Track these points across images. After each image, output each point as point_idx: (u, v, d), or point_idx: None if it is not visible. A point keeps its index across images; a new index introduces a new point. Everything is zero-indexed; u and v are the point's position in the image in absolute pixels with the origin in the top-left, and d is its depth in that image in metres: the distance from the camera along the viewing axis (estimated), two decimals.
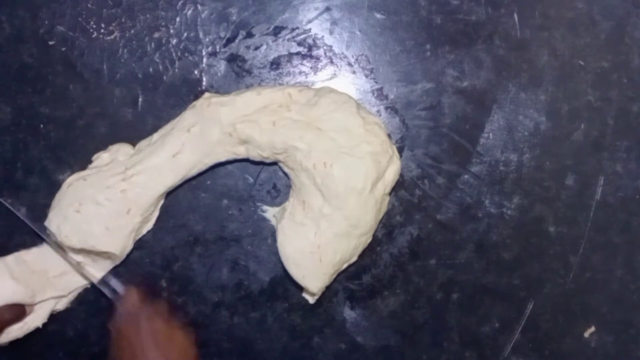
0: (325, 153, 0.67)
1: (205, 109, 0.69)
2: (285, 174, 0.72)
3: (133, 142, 0.72)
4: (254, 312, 0.74)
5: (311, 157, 0.67)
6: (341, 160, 0.67)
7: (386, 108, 0.74)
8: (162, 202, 0.72)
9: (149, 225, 0.72)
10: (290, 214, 0.69)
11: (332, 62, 0.74)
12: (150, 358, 0.63)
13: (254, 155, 0.70)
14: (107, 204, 0.68)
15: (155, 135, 0.71)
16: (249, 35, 0.74)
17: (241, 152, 0.70)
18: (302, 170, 0.68)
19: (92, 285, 0.72)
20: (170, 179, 0.70)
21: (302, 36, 0.74)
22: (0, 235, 0.73)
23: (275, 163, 0.71)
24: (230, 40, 0.74)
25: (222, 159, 0.70)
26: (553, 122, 0.73)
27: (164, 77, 0.74)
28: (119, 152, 0.71)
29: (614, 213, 0.73)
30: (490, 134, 0.73)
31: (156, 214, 0.72)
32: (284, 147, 0.68)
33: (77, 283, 0.72)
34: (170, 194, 0.72)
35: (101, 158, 0.71)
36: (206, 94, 0.71)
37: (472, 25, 0.73)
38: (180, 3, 0.74)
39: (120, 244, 0.69)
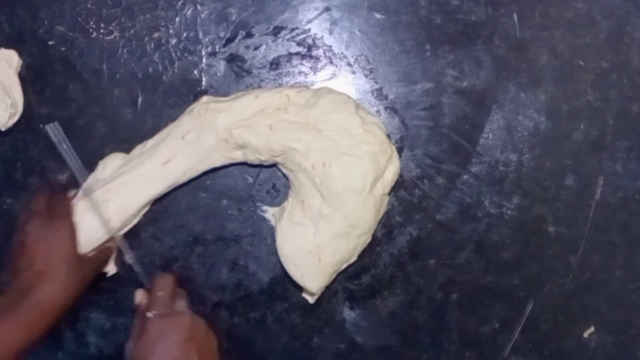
0: (324, 153, 0.67)
1: (203, 114, 0.69)
2: (284, 175, 0.72)
3: (132, 142, 0.72)
4: (253, 312, 0.74)
5: (309, 157, 0.67)
6: (340, 161, 0.67)
7: (386, 108, 0.74)
8: (147, 208, 0.72)
9: (130, 225, 0.72)
10: (289, 213, 0.69)
11: (331, 62, 0.74)
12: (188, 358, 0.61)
13: (252, 159, 0.70)
14: (87, 219, 0.68)
15: (150, 142, 0.71)
16: (249, 35, 0.74)
17: (238, 156, 0.70)
18: (301, 171, 0.68)
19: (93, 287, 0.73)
20: (158, 187, 0.69)
21: (302, 36, 0.74)
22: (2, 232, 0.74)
23: (274, 164, 0.71)
24: (229, 40, 0.74)
25: (217, 164, 0.70)
26: (553, 122, 0.73)
27: (164, 77, 0.74)
28: (107, 168, 0.71)
29: (613, 213, 0.73)
30: (490, 134, 0.73)
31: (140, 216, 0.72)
32: (281, 149, 0.68)
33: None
34: (169, 194, 0.72)
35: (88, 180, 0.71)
36: (204, 98, 0.71)
37: (472, 25, 0.73)
38: (179, 3, 0.74)
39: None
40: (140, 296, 0.68)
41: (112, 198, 0.68)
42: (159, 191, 0.70)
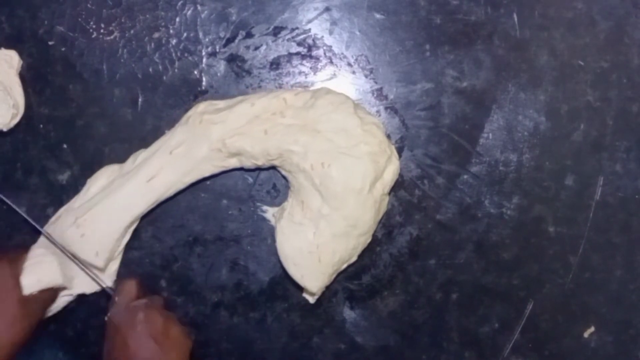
0: (322, 154, 0.67)
1: (197, 126, 0.68)
2: (284, 177, 0.72)
3: (132, 142, 0.73)
4: (253, 312, 0.74)
5: (308, 158, 0.67)
6: (339, 161, 0.67)
7: (386, 108, 0.74)
8: (133, 228, 0.71)
9: (121, 247, 0.72)
10: (289, 214, 0.69)
11: (331, 62, 0.74)
12: (146, 350, 0.63)
13: (248, 164, 0.70)
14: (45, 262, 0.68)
15: (142, 155, 0.70)
16: (249, 35, 0.74)
17: (232, 163, 0.70)
18: (300, 172, 0.68)
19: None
20: (139, 207, 0.69)
21: (302, 36, 0.74)
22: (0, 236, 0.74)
23: (272, 167, 0.71)
24: (230, 41, 0.74)
25: (207, 174, 0.70)
26: (552, 122, 0.73)
27: (164, 77, 0.74)
28: (90, 190, 0.71)
29: (613, 213, 0.73)
30: (490, 134, 0.73)
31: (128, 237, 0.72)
32: (278, 152, 0.68)
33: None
34: None
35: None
36: (200, 107, 0.70)
37: (472, 25, 0.73)
38: (180, 3, 0.74)
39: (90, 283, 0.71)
40: None
41: (88, 232, 0.68)
42: (141, 211, 0.69)
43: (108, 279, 0.71)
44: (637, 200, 0.73)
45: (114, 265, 0.72)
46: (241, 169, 0.72)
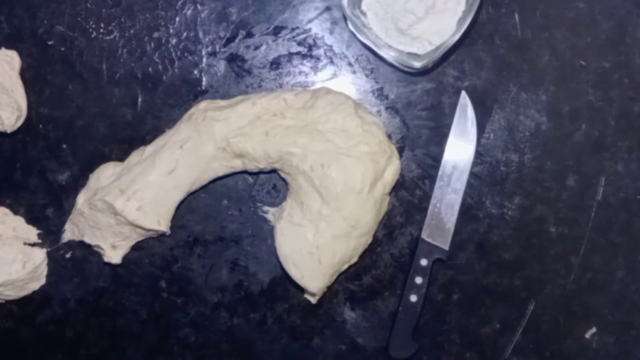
0: (321, 154, 0.67)
1: (201, 123, 0.68)
2: (283, 180, 0.71)
3: (132, 142, 0.72)
4: (253, 313, 0.74)
5: (307, 159, 0.67)
6: (338, 161, 0.67)
7: (386, 108, 0.74)
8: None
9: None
10: (288, 214, 0.69)
11: (332, 62, 0.74)
12: None
13: (251, 167, 0.70)
14: (123, 227, 0.70)
15: (148, 149, 0.70)
16: (249, 35, 0.74)
17: (238, 165, 0.70)
18: (300, 174, 0.68)
19: (92, 288, 0.73)
20: (177, 194, 0.70)
21: (302, 36, 0.74)
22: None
23: (274, 170, 0.71)
24: (230, 40, 0.74)
25: (220, 173, 0.70)
26: (554, 122, 0.73)
27: (164, 77, 0.74)
28: (101, 177, 0.70)
29: (615, 213, 0.73)
30: (491, 134, 0.73)
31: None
32: (278, 154, 0.67)
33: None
34: None
35: (81, 194, 0.71)
36: (202, 105, 0.70)
37: (473, 24, 0.73)
38: (179, 3, 0.74)
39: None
40: None
41: (144, 205, 0.68)
42: (180, 197, 0.70)
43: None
44: (639, 201, 0.73)
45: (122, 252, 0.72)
46: (245, 172, 0.71)
